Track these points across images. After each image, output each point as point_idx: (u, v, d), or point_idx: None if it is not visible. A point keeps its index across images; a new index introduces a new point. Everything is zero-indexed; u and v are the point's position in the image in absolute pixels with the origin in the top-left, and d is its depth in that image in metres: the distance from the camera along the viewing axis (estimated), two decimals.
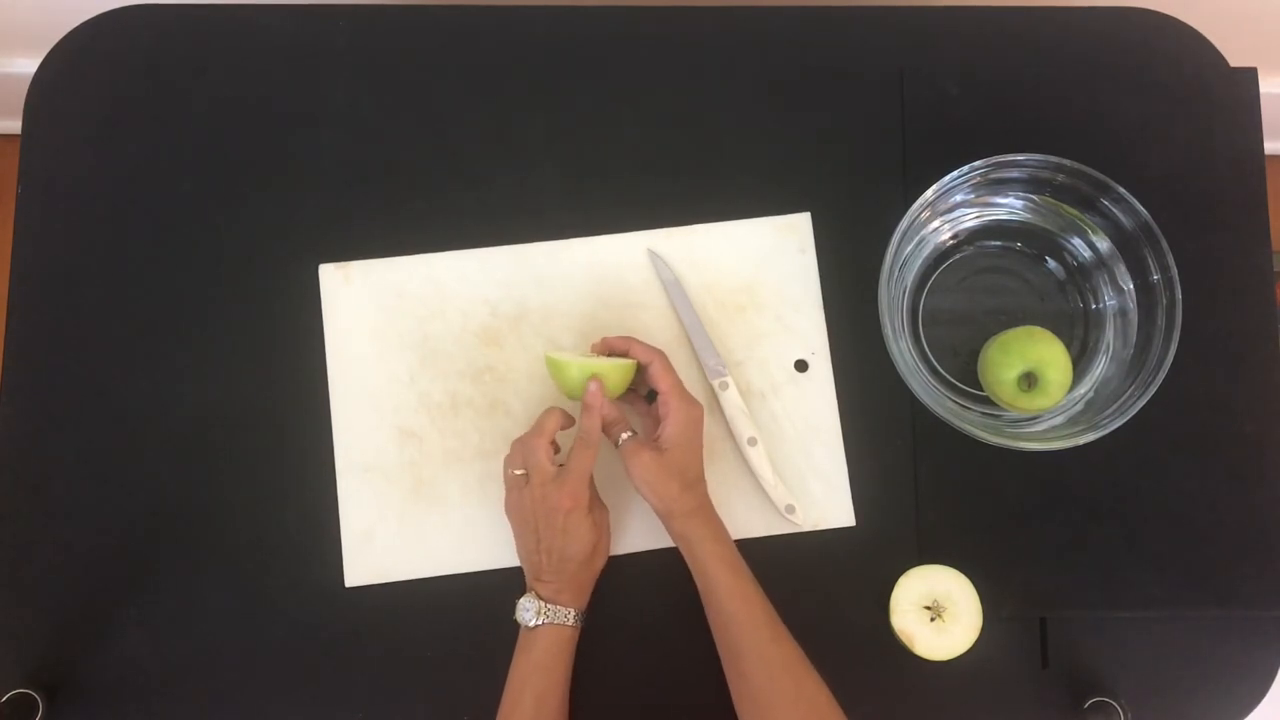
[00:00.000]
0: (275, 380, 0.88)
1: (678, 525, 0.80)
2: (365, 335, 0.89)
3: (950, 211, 0.90)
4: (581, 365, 0.79)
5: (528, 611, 0.79)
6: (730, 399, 0.87)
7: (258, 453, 0.87)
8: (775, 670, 0.76)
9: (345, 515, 0.86)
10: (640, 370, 0.82)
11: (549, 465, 0.79)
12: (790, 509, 0.86)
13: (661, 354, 0.81)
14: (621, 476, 0.81)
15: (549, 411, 0.80)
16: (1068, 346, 0.86)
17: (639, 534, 0.86)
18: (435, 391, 0.88)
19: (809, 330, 0.90)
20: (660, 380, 0.80)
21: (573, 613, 0.79)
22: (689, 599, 0.81)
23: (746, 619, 0.77)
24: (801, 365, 0.89)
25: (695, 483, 0.81)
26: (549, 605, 0.79)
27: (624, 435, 0.80)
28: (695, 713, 0.84)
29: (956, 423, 0.82)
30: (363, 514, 0.86)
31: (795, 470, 0.88)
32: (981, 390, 0.88)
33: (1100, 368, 0.88)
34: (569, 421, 0.81)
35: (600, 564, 0.83)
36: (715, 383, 0.88)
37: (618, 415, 0.81)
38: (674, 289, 0.90)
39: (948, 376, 0.89)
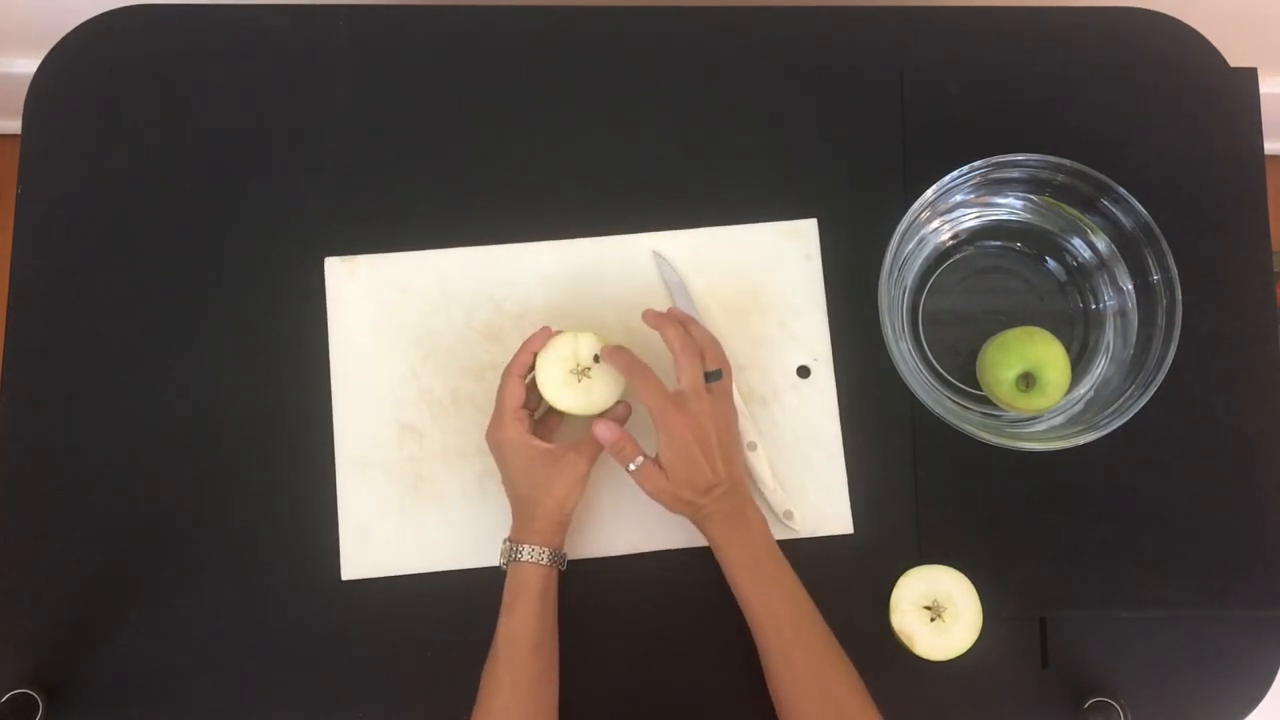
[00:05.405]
0: (277, 373, 0.88)
1: (703, 528, 0.80)
2: (368, 329, 0.89)
3: (950, 211, 0.90)
4: (573, 422, 0.81)
5: (501, 555, 0.80)
6: None
7: (258, 445, 0.87)
8: (798, 669, 0.77)
9: (344, 509, 0.86)
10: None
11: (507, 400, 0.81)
12: (789, 515, 0.86)
13: (645, 369, 0.78)
14: (620, 475, 0.81)
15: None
16: (1067, 346, 0.86)
17: (639, 534, 0.86)
18: (437, 387, 0.88)
19: (812, 336, 0.90)
20: (645, 400, 0.78)
21: (524, 548, 0.78)
22: (688, 599, 0.81)
23: (766, 619, 0.78)
24: (804, 371, 0.89)
25: (709, 488, 0.78)
26: (509, 543, 0.80)
27: (632, 464, 0.79)
28: (693, 713, 0.84)
29: (956, 423, 0.82)
30: (361, 508, 0.86)
31: (795, 476, 0.87)
32: (981, 390, 0.88)
33: (1100, 368, 0.88)
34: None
35: (547, 503, 0.78)
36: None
37: (620, 436, 0.79)
38: (678, 291, 0.89)
39: (948, 376, 0.89)
